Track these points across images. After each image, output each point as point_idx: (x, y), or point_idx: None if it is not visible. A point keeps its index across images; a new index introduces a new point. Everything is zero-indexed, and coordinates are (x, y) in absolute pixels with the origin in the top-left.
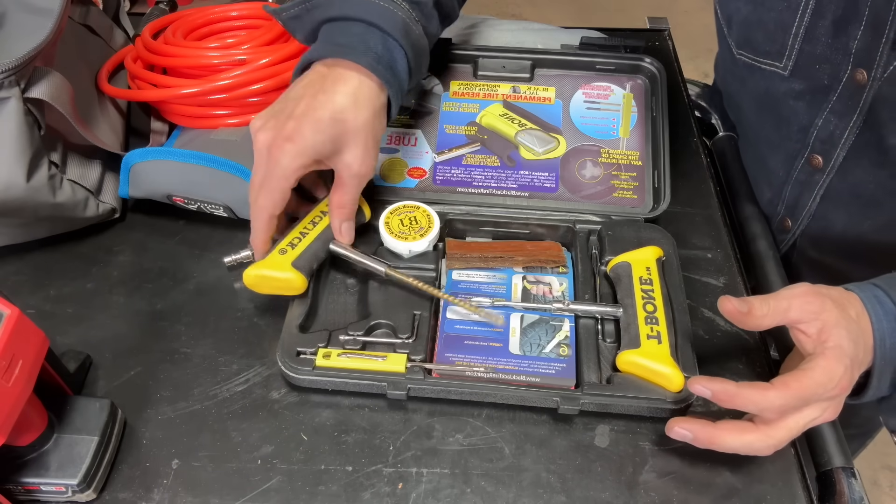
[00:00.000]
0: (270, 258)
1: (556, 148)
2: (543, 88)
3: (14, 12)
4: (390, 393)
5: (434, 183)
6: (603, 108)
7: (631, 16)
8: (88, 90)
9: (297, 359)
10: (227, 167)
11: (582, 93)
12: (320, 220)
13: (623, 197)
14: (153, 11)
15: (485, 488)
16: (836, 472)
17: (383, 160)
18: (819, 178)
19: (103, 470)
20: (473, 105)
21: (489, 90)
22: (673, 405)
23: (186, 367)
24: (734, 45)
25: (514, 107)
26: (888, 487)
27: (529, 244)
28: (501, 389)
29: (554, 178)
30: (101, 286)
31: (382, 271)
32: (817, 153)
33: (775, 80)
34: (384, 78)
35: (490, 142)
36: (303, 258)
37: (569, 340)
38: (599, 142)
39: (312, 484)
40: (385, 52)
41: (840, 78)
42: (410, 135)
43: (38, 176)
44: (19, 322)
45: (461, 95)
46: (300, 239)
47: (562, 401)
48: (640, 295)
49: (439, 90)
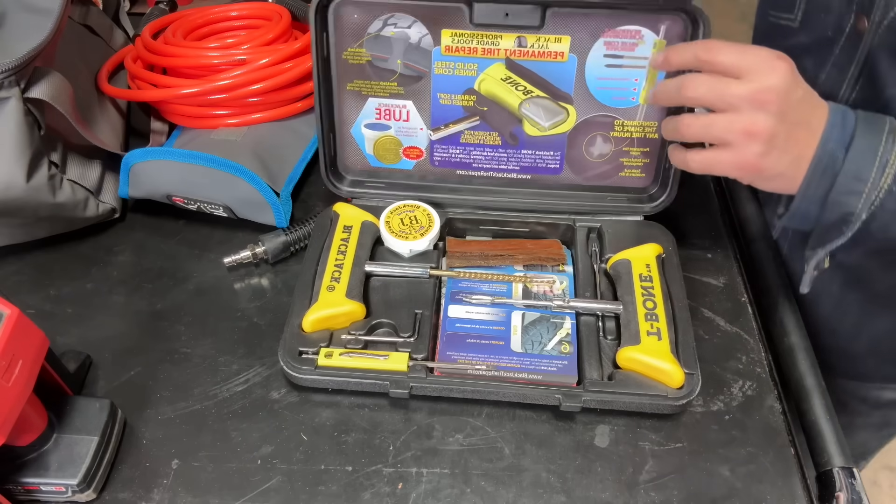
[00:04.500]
0: (322, 299)
1: (564, 121)
2: (555, 39)
3: (14, 12)
4: (392, 392)
5: (432, 164)
6: (626, 63)
7: None
8: (88, 90)
9: (299, 358)
10: (227, 167)
11: (603, 42)
12: (346, 247)
13: (630, 176)
14: (153, 11)
15: (485, 488)
16: (836, 472)
17: (375, 138)
18: None
19: (103, 470)
20: (471, 65)
21: (490, 43)
22: (674, 401)
23: (186, 367)
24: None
25: (518, 67)
26: (888, 487)
27: (530, 242)
28: (503, 387)
29: (559, 158)
30: (101, 286)
31: (426, 274)
32: None
33: (789, 35)
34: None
35: (490, 115)
36: (351, 287)
37: (570, 338)
38: (614, 111)
39: (312, 484)
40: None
41: (843, 28)
42: (400, 108)
43: (38, 176)
44: (19, 322)
45: (456, 52)
46: (339, 271)
47: (564, 398)
48: (640, 292)
49: (428, 43)
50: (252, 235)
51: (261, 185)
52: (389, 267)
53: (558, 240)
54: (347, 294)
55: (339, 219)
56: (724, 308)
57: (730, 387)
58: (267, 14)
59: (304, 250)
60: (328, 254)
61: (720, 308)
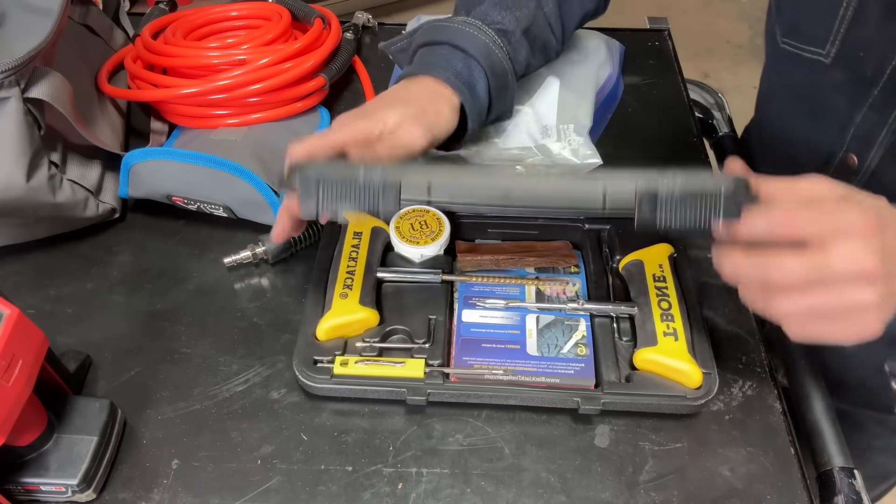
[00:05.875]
0: (336, 307)
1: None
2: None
3: (14, 12)
4: (410, 399)
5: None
6: None
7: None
8: (88, 90)
9: (314, 367)
10: (226, 167)
11: None
12: (357, 253)
13: None
14: (153, 11)
15: (485, 488)
16: (836, 472)
17: None
18: (852, 180)
19: (103, 470)
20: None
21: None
22: (692, 401)
23: (186, 367)
24: (780, 33)
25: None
26: None
27: (539, 245)
28: (521, 391)
29: None
30: (101, 286)
31: (438, 278)
32: (853, 152)
33: (817, 70)
34: (458, 89)
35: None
36: (364, 293)
37: (586, 340)
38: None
39: (312, 484)
40: (465, 69)
41: (884, 69)
42: None
43: (38, 176)
44: (19, 322)
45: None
46: (351, 278)
47: (582, 401)
48: (654, 292)
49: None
50: (252, 235)
51: (261, 185)
52: (401, 273)
53: (568, 242)
54: (360, 301)
55: (348, 225)
56: (724, 308)
57: (730, 387)
58: (267, 14)
59: (305, 250)
60: (339, 261)
61: (720, 308)
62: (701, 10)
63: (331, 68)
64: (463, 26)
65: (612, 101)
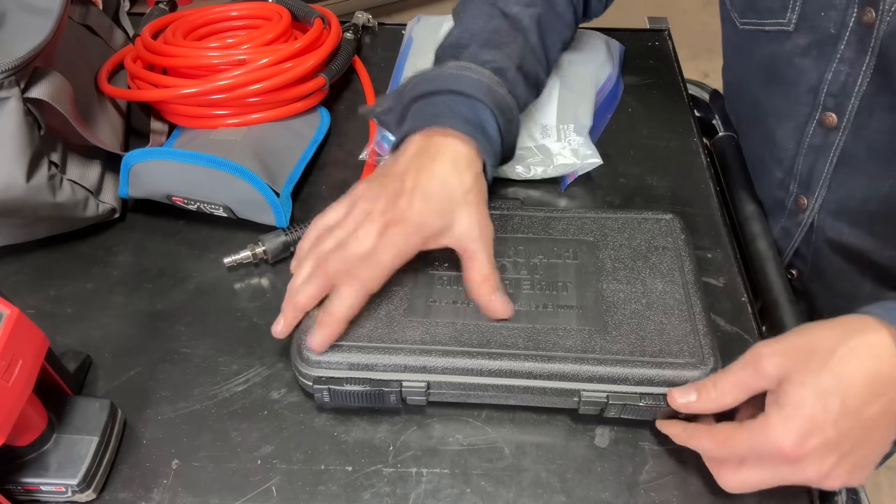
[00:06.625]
0: None
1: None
2: None
3: (14, 12)
4: (410, 399)
5: None
6: None
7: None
8: (88, 90)
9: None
10: (226, 167)
11: None
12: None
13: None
14: (153, 11)
15: (485, 488)
16: None
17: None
18: (833, 138)
19: (103, 470)
20: None
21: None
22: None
23: (186, 367)
24: (737, 17)
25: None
26: (888, 487)
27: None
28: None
29: None
30: (101, 286)
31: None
32: (830, 110)
33: (780, 40)
34: (476, 138)
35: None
36: None
37: None
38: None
39: (312, 484)
40: (472, 113)
41: (847, 23)
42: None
43: (38, 176)
44: (19, 322)
45: None
46: None
47: (582, 401)
48: None
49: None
50: (252, 235)
51: (261, 185)
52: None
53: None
54: None
55: None
56: (724, 308)
57: None
58: (267, 14)
59: None
60: None
61: (720, 308)
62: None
63: (331, 68)
64: (457, 70)
65: (612, 101)
